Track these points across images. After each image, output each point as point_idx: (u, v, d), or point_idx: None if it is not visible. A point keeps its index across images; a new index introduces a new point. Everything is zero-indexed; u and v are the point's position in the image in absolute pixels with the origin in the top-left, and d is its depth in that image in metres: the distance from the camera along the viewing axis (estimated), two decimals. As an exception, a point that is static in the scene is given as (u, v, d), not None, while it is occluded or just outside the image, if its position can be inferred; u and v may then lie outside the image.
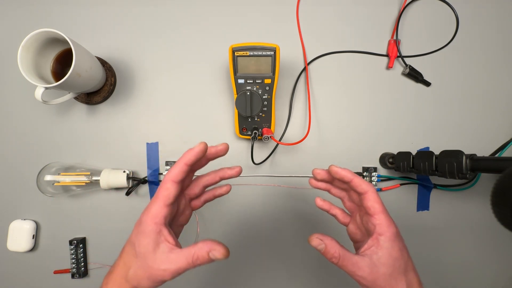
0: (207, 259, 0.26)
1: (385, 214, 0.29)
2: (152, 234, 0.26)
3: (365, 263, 0.27)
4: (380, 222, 0.29)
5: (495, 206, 0.27)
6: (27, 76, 0.40)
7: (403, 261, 0.28)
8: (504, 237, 0.48)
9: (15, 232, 0.49)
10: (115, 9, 0.52)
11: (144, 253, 0.26)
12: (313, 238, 0.29)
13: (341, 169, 0.31)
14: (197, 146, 0.28)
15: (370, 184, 0.30)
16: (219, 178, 0.34)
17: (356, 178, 0.30)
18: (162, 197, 0.27)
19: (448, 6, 0.50)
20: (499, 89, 0.49)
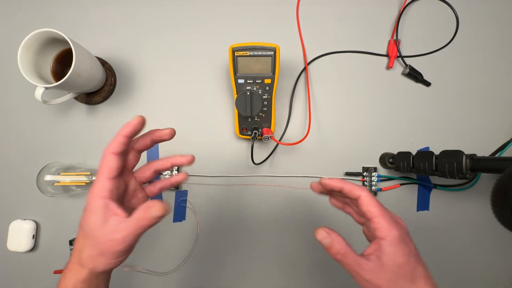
0: (148, 217, 0.25)
1: (384, 217, 0.27)
2: (99, 209, 0.26)
3: (369, 266, 0.26)
4: (379, 226, 0.27)
5: (495, 206, 0.27)
6: (27, 76, 0.40)
7: (410, 267, 0.26)
8: (504, 237, 0.48)
9: (15, 232, 0.49)
10: (115, 9, 0.52)
11: (93, 230, 0.26)
12: (320, 231, 0.27)
13: (329, 180, 0.30)
14: (134, 119, 0.28)
15: (363, 188, 0.28)
16: (170, 164, 0.33)
17: (346, 185, 0.29)
18: (103, 170, 0.26)
19: (448, 6, 0.50)
20: (499, 89, 0.50)
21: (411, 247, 0.27)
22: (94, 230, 0.26)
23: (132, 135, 0.28)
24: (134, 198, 0.32)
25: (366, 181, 0.48)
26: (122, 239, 0.25)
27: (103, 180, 0.26)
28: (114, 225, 0.25)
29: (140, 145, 0.31)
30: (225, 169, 0.50)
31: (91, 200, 0.26)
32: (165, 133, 0.31)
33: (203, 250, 0.49)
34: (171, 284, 0.49)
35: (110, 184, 0.26)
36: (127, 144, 0.28)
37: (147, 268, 0.49)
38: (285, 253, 0.50)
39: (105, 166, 0.27)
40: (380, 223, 0.27)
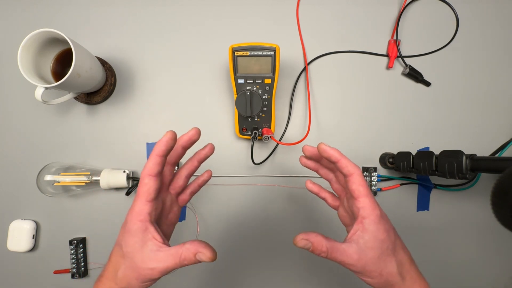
0: (193, 260, 0.26)
1: (369, 198, 0.28)
2: (138, 233, 0.26)
3: (352, 249, 0.27)
4: (364, 206, 0.28)
5: (495, 206, 0.27)
6: (27, 76, 0.40)
7: (390, 241, 0.28)
8: (504, 237, 0.48)
9: (15, 232, 0.49)
10: (115, 9, 0.52)
11: (132, 252, 0.26)
12: (298, 240, 0.28)
13: (329, 148, 0.30)
14: (164, 136, 0.27)
15: (357, 167, 0.29)
16: (197, 162, 0.33)
17: (343, 159, 0.29)
18: (142, 194, 0.26)
19: (448, 6, 0.50)
20: (499, 89, 0.50)
21: (389, 223, 0.29)
22: (133, 252, 0.26)
23: (166, 153, 0.27)
24: (171, 213, 0.33)
25: (366, 181, 0.48)
26: (162, 270, 0.26)
27: (143, 203, 0.26)
28: (153, 251, 0.26)
29: (188, 170, 0.33)
30: (225, 169, 0.50)
31: (131, 223, 0.26)
32: (208, 150, 0.33)
33: (203, 250, 0.49)
34: (171, 284, 0.49)
35: (149, 207, 0.26)
36: (163, 164, 0.27)
37: (147, 268, 0.49)
38: (285, 253, 0.49)
39: (143, 189, 0.26)
40: (365, 203, 0.28)
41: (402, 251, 0.29)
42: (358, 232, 0.28)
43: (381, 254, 0.27)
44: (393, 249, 0.28)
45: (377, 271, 0.27)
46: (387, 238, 0.28)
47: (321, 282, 0.49)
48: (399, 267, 0.28)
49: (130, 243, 0.26)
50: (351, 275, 0.48)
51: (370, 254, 0.27)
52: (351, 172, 0.29)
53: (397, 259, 0.28)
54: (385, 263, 0.28)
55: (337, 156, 0.29)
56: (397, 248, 0.29)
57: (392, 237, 0.29)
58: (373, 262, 0.27)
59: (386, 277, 0.28)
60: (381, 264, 0.27)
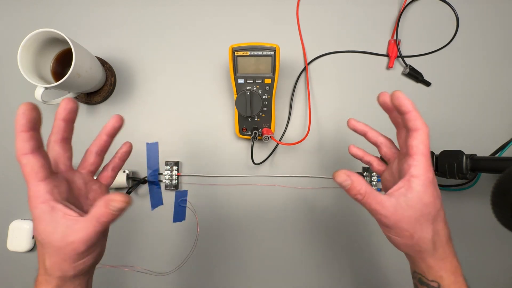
0: (109, 213, 0.23)
1: (426, 158, 0.27)
2: (45, 215, 0.23)
3: (390, 203, 0.26)
4: (418, 164, 0.26)
5: (495, 206, 0.27)
6: (27, 76, 0.40)
7: (435, 208, 0.27)
8: (505, 237, 0.48)
9: (15, 232, 0.49)
10: (115, 9, 0.52)
11: (47, 237, 0.24)
12: (340, 174, 0.27)
13: (404, 97, 0.27)
14: (19, 109, 0.24)
15: (425, 125, 0.27)
16: (105, 136, 0.31)
17: (415, 111, 0.27)
18: (28, 175, 0.24)
19: (448, 6, 0.50)
20: (499, 89, 0.49)
21: (438, 191, 0.27)
22: (48, 237, 0.24)
23: (31, 126, 0.25)
24: (91, 192, 0.30)
25: (366, 181, 0.48)
26: (82, 240, 0.24)
27: (34, 185, 0.24)
28: (69, 226, 0.24)
29: (97, 146, 0.31)
30: (225, 169, 0.50)
31: (33, 209, 0.24)
32: (115, 121, 0.30)
33: (203, 250, 0.49)
34: (171, 284, 0.49)
35: (44, 186, 0.24)
36: (35, 139, 0.25)
37: (147, 268, 0.49)
38: (285, 253, 0.49)
39: (26, 170, 0.24)
40: (420, 162, 0.26)
41: (443, 223, 0.28)
42: (402, 189, 0.27)
43: (420, 217, 0.26)
44: (435, 217, 0.27)
45: (409, 231, 0.26)
46: (431, 204, 0.26)
47: (322, 283, 0.49)
48: (435, 236, 0.27)
49: (41, 229, 0.24)
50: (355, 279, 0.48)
51: (408, 213, 0.26)
52: (417, 127, 0.27)
53: (434, 228, 0.27)
54: (421, 227, 0.26)
55: (409, 107, 0.27)
56: (438, 219, 0.27)
57: (438, 205, 0.27)
58: (409, 221, 0.26)
59: (416, 241, 0.27)
60: (416, 226, 0.26)
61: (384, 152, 0.34)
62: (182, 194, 0.50)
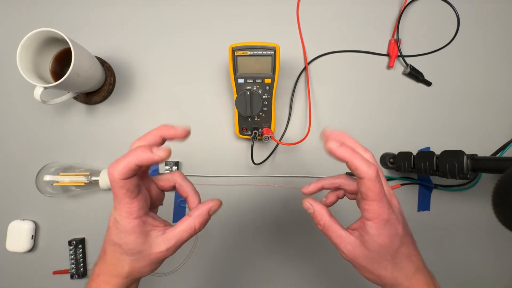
0: (208, 218, 0.28)
1: (377, 202, 0.26)
2: (136, 229, 0.26)
3: (350, 240, 0.27)
4: (370, 209, 0.26)
5: (496, 206, 0.27)
6: (26, 75, 0.40)
7: (392, 248, 0.27)
8: (505, 237, 0.48)
9: (14, 233, 0.49)
10: (115, 9, 0.52)
11: (136, 248, 0.26)
12: (304, 202, 0.29)
13: (336, 148, 0.26)
14: (159, 150, 0.25)
15: (370, 169, 0.25)
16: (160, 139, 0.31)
17: (354, 159, 0.25)
18: (124, 195, 0.25)
19: (449, 6, 0.50)
20: (500, 88, 0.49)
21: (398, 229, 0.27)
22: (137, 247, 0.26)
23: (144, 166, 0.26)
24: (156, 197, 0.31)
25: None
26: (175, 246, 0.27)
27: (129, 202, 0.25)
28: (158, 237, 0.26)
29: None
30: (225, 169, 0.50)
31: (125, 223, 0.25)
32: (179, 133, 0.30)
33: (203, 250, 0.49)
34: (171, 284, 0.49)
35: (137, 203, 0.26)
36: (137, 170, 0.25)
37: (147, 268, 0.49)
38: (285, 253, 0.49)
39: (121, 191, 0.25)
40: (372, 206, 0.26)
41: (407, 260, 0.28)
42: (357, 231, 0.28)
43: (377, 257, 0.27)
44: (394, 255, 0.27)
45: (367, 268, 0.27)
46: (387, 245, 0.26)
47: (323, 283, 0.49)
48: (396, 272, 0.27)
49: (131, 241, 0.26)
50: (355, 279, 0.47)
51: (365, 253, 0.27)
52: (361, 176, 0.26)
53: (396, 265, 0.27)
54: (380, 265, 0.27)
55: (346, 156, 0.26)
56: (400, 256, 0.27)
57: (396, 245, 0.27)
58: (366, 260, 0.27)
59: (377, 276, 0.27)
60: (374, 265, 0.27)
61: (350, 190, 0.32)
62: (182, 194, 0.50)
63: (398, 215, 0.28)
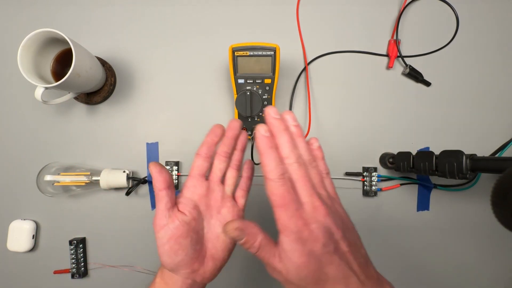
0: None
1: (283, 210, 0.23)
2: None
3: (280, 257, 0.24)
4: (277, 217, 0.24)
5: (496, 206, 0.27)
6: (27, 76, 0.40)
7: (311, 269, 0.23)
8: (505, 237, 0.48)
9: (15, 232, 0.49)
10: (115, 9, 0.52)
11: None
12: (231, 230, 0.24)
13: (258, 137, 0.24)
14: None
15: (277, 168, 0.23)
16: (239, 152, 0.35)
17: (263, 156, 0.23)
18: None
19: (448, 6, 0.50)
20: (499, 89, 0.49)
21: (314, 246, 0.22)
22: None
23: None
24: (224, 207, 0.33)
25: (366, 181, 0.48)
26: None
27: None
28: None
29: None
30: (225, 169, 0.50)
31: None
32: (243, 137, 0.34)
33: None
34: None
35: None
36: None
37: (147, 268, 0.49)
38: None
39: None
40: (277, 215, 0.24)
41: (332, 284, 0.23)
42: (279, 245, 0.24)
43: (302, 280, 0.23)
44: (317, 279, 0.23)
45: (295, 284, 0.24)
46: (305, 265, 0.22)
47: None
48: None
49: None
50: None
51: (292, 270, 0.23)
52: (265, 176, 0.24)
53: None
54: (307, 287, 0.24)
55: (260, 150, 0.24)
56: (323, 279, 0.23)
57: (314, 265, 0.22)
58: (299, 282, 0.23)
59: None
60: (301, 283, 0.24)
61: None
62: (182, 194, 0.50)
63: (317, 229, 0.23)
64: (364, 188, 0.49)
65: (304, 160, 0.26)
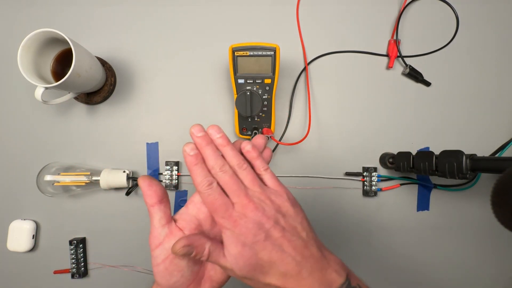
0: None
1: (215, 213, 0.26)
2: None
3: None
4: (215, 220, 0.27)
5: (495, 206, 0.27)
6: (27, 76, 0.40)
7: (246, 258, 0.25)
8: (504, 237, 0.48)
9: (15, 232, 0.49)
10: (115, 9, 0.52)
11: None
12: (179, 249, 0.25)
13: (186, 153, 0.29)
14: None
15: (204, 181, 0.26)
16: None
17: (191, 172, 0.27)
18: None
19: (448, 6, 0.50)
20: (499, 88, 0.49)
21: (247, 237, 0.25)
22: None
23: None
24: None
25: (366, 181, 0.48)
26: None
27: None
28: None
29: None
30: (225, 169, 0.50)
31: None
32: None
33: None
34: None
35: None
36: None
37: (147, 268, 0.49)
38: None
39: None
40: (214, 218, 0.27)
41: (277, 276, 0.25)
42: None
43: (239, 269, 0.25)
44: (255, 267, 0.25)
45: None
46: (239, 256, 0.25)
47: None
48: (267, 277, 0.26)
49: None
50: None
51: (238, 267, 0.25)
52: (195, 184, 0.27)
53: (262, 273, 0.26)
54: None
55: (188, 168, 0.28)
56: (260, 268, 0.25)
57: (247, 254, 0.25)
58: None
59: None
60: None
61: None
62: (182, 194, 0.50)
63: (245, 223, 0.25)
64: (364, 188, 0.49)
65: (232, 165, 0.28)
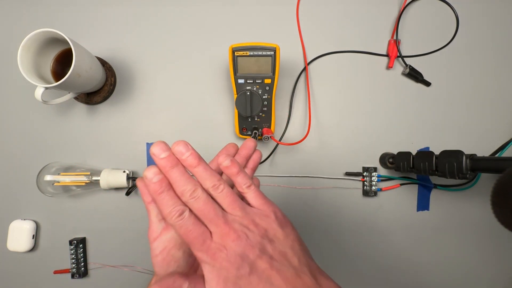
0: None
1: (190, 245, 0.24)
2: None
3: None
4: (192, 252, 0.24)
5: (495, 206, 0.27)
6: (27, 76, 0.40)
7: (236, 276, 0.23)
8: (504, 237, 0.48)
9: (15, 232, 0.49)
10: (115, 9, 0.52)
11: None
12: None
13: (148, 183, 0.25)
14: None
15: (172, 213, 0.23)
16: (250, 170, 0.33)
17: (156, 202, 0.25)
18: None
19: (448, 6, 0.50)
20: (499, 88, 0.49)
21: (229, 272, 0.23)
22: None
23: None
24: None
25: (366, 181, 0.48)
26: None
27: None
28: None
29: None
30: (225, 169, 0.50)
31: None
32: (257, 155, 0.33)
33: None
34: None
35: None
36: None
37: (147, 268, 0.49)
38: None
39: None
40: (191, 249, 0.24)
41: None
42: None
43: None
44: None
45: None
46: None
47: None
48: None
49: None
50: (355, 279, 0.47)
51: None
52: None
53: None
54: None
55: (153, 197, 0.25)
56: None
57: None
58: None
59: None
60: None
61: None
62: (182, 194, 0.50)
63: (226, 257, 0.23)
64: (364, 188, 0.49)
65: (206, 188, 0.25)
